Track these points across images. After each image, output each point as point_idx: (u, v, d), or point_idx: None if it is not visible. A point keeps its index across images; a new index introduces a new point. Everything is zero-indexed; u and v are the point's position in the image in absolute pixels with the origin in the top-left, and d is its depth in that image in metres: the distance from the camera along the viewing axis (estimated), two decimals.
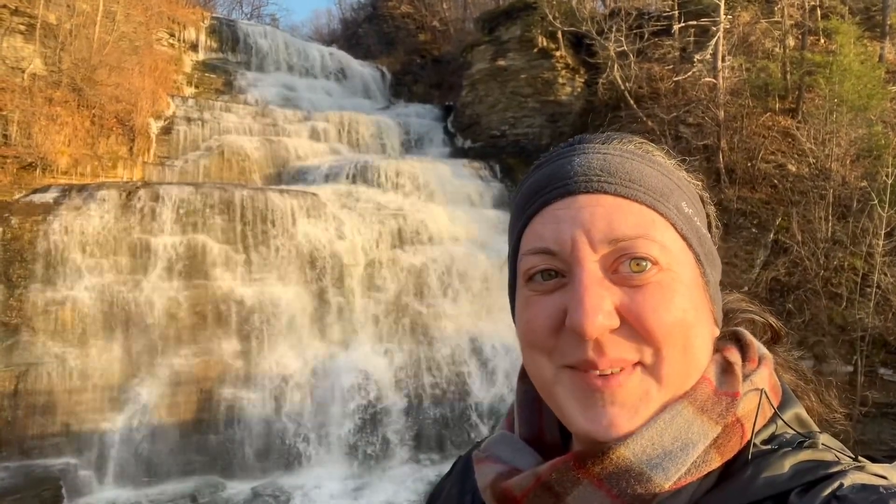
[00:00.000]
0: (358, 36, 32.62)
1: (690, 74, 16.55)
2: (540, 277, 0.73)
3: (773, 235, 14.23)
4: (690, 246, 0.75)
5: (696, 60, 16.54)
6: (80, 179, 13.50)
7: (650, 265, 0.70)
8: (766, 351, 0.82)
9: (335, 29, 38.90)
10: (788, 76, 17.11)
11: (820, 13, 18.77)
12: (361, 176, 15.22)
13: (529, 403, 0.85)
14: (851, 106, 14.43)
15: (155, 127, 16.02)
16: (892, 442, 10.75)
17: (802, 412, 0.77)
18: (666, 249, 0.72)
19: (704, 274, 0.77)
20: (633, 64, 17.51)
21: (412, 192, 15.21)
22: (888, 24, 18.47)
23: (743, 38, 17.76)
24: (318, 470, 10.63)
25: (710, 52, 16.62)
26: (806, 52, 17.29)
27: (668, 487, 0.66)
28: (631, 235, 0.70)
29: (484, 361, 12.47)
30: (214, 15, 24.24)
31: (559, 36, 19.36)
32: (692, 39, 18.24)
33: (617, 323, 0.68)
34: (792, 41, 18.30)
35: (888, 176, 12.10)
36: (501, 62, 19.98)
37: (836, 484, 0.62)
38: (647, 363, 0.69)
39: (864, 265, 12.32)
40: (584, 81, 19.54)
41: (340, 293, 12.64)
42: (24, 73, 14.25)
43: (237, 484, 10.15)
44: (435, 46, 28.80)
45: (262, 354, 11.43)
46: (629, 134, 0.81)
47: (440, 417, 11.69)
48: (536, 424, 0.84)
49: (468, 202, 15.92)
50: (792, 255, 13.38)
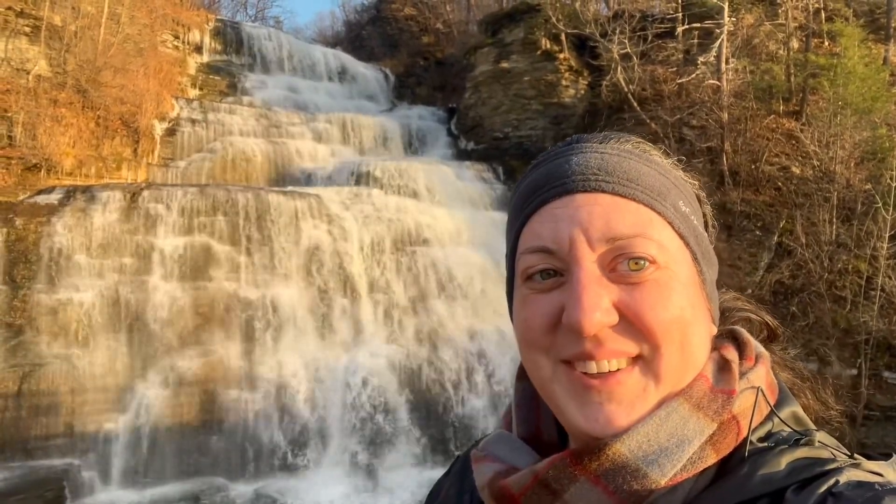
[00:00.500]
0: (361, 38, 32.65)
1: (694, 77, 16.53)
2: (538, 276, 0.73)
3: (776, 238, 14.19)
4: (688, 245, 0.76)
5: (699, 63, 16.52)
6: (84, 181, 13.55)
7: (648, 264, 0.70)
8: (762, 349, 0.82)
9: (339, 31, 38.97)
10: (792, 79, 17.08)
11: (824, 15, 18.74)
12: (364, 178, 15.24)
13: (527, 402, 0.86)
14: (856, 108, 14.41)
15: (159, 128, 16.07)
16: (895, 445, 10.72)
17: (799, 410, 0.77)
18: (663, 248, 0.72)
19: (701, 272, 0.77)
20: (636, 66, 17.50)
21: (415, 193, 15.22)
22: (893, 26, 18.44)
23: (747, 40, 17.72)
24: (321, 472, 10.62)
25: (713, 54, 16.61)
26: (810, 54, 17.26)
27: (663, 483, 0.66)
28: (629, 234, 0.71)
29: (486, 363, 12.46)
30: (219, 17, 24.29)
31: (563, 38, 19.34)
32: (696, 42, 18.23)
33: (615, 319, 0.69)
34: (796, 43, 18.26)
35: (892, 179, 12.07)
36: (505, 64, 19.99)
37: (831, 481, 0.63)
38: (645, 356, 0.70)
39: (868, 268, 12.30)
40: (587, 84, 19.52)
41: (343, 295, 12.65)
42: (28, 74, 14.31)
43: (240, 486, 10.15)
44: (438, 49, 28.79)
45: (265, 356, 11.44)
46: (626, 133, 0.81)
47: (443, 419, 11.68)
48: (534, 423, 0.85)
49: (471, 204, 15.91)
50: (796, 257, 13.35)
